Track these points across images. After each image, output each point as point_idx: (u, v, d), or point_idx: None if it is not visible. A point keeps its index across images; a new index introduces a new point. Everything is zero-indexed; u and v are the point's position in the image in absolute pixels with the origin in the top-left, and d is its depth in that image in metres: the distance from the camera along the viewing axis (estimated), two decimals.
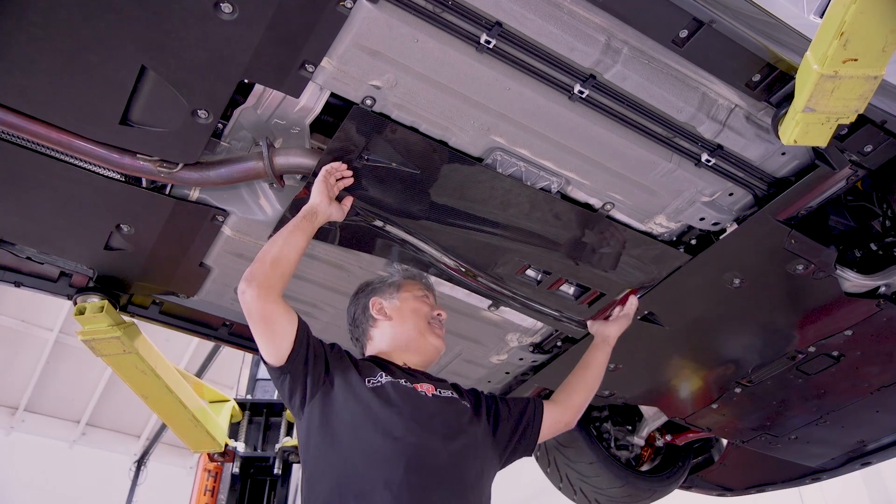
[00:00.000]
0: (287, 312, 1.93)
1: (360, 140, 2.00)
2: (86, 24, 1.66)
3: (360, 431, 1.87)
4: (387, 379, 1.99)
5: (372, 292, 2.26)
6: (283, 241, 1.96)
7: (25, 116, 1.87)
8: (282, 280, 1.93)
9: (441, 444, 1.89)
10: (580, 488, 3.61)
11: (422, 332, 2.18)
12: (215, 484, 5.15)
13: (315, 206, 2.02)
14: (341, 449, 1.86)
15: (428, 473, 1.82)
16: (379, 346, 2.19)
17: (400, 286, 2.26)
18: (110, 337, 2.68)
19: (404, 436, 1.86)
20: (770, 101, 1.91)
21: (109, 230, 2.31)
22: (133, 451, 11.39)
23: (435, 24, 1.76)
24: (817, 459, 3.49)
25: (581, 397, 2.36)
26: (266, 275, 1.90)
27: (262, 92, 1.95)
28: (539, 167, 2.13)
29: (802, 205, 2.19)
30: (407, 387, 1.99)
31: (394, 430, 1.87)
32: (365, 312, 2.23)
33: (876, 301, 2.46)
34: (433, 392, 2.03)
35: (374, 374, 2.00)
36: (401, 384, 1.99)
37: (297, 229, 1.98)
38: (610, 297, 2.56)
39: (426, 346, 2.17)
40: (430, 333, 2.19)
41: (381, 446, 1.84)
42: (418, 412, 1.93)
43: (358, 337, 2.26)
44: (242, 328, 2.90)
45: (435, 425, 1.93)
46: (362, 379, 1.97)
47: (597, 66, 1.87)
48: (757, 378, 2.90)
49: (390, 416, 1.89)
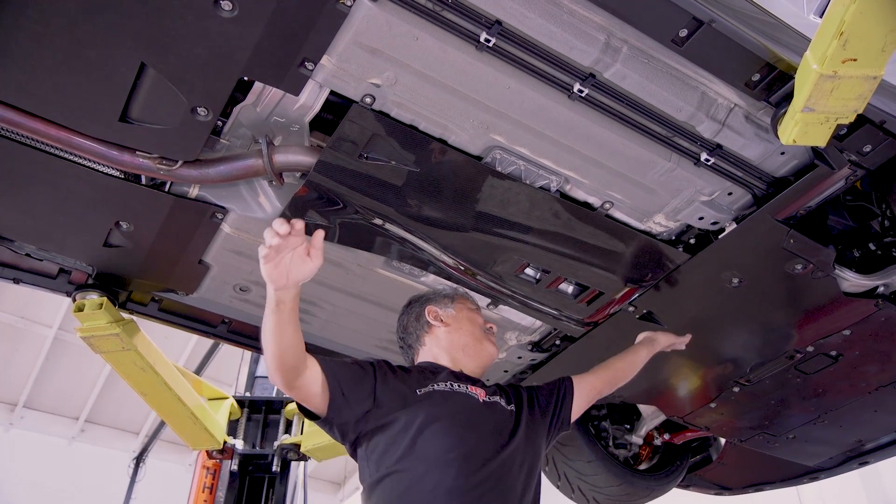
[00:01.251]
0: (311, 374, 1.85)
1: (359, 138, 2.00)
2: (85, 21, 1.66)
3: (416, 439, 1.87)
4: (440, 385, 2.01)
5: (427, 302, 2.31)
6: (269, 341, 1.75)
7: (25, 113, 1.87)
8: (293, 361, 1.80)
9: (494, 447, 1.91)
10: (578, 487, 3.62)
11: (478, 339, 2.23)
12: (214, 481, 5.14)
13: (273, 296, 1.71)
14: (399, 459, 1.85)
15: (480, 479, 1.83)
16: (433, 352, 2.22)
17: (454, 298, 2.32)
18: (109, 334, 2.68)
19: (459, 442, 1.87)
20: (769, 100, 1.91)
21: (109, 227, 2.31)
22: (132, 448, 11.41)
23: (435, 23, 1.76)
24: (815, 459, 3.50)
25: (614, 373, 2.43)
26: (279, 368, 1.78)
27: (262, 89, 1.95)
28: (538, 166, 2.13)
29: (801, 204, 2.20)
30: (460, 391, 2.02)
31: (449, 436, 1.87)
32: (419, 320, 2.27)
33: (874, 301, 2.46)
34: (484, 397, 2.05)
35: (426, 381, 2.02)
36: (454, 388, 2.01)
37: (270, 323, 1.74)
38: (609, 296, 2.57)
39: (482, 351, 2.22)
40: (486, 340, 2.25)
41: (436, 453, 1.84)
42: (471, 416, 1.96)
43: (411, 343, 2.28)
44: (241, 325, 2.90)
45: (488, 428, 1.96)
46: (413, 390, 1.97)
47: (596, 65, 1.87)
48: (755, 377, 2.91)
49: (445, 422, 1.90)
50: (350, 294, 2.69)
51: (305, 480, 5.55)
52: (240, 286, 2.63)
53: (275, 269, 1.67)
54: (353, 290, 2.67)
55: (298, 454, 5.05)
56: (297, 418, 5.33)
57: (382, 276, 2.61)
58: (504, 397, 2.10)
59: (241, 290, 2.65)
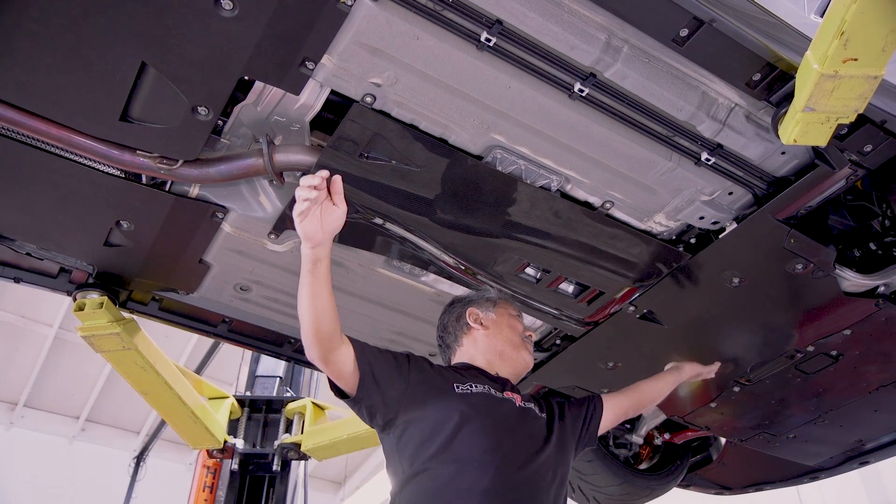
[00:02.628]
0: (346, 351, 1.89)
1: (359, 138, 2.00)
2: (86, 20, 1.66)
3: (453, 438, 1.86)
4: (479, 388, 2.00)
5: (469, 303, 2.31)
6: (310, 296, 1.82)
7: (25, 112, 1.87)
8: (329, 328, 1.84)
9: (528, 453, 1.92)
10: (578, 486, 3.62)
11: (516, 346, 2.24)
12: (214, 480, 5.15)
13: (310, 255, 1.81)
14: (434, 456, 1.85)
15: (515, 483, 1.83)
16: (470, 354, 2.22)
17: (496, 302, 2.32)
18: (110, 333, 2.68)
19: (496, 444, 1.87)
20: (770, 100, 1.91)
21: (109, 226, 2.31)
22: (132, 448, 11.43)
23: (435, 22, 1.76)
24: (815, 458, 3.50)
25: (641, 395, 2.50)
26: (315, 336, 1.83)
27: (263, 89, 1.95)
28: (539, 165, 2.13)
29: (802, 204, 2.19)
30: (499, 396, 2.02)
31: (485, 437, 1.88)
32: (459, 321, 2.28)
33: (875, 301, 2.46)
34: (520, 403, 2.06)
35: (465, 381, 2.02)
36: (493, 393, 2.02)
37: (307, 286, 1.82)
38: (609, 296, 2.57)
39: (518, 359, 2.23)
40: (524, 349, 2.25)
41: (472, 453, 1.84)
42: (508, 420, 1.97)
43: (449, 343, 2.29)
44: (241, 325, 2.91)
45: (523, 434, 1.97)
46: (451, 385, 1.98)
47: (597, 65, 1.87)
48: (756, 377, 2.90)
49: (482, 423, 1.90)
50: (351, 293, 2.69)
51: (306, 480, 5.56)
52: (240, 285, 2.63)
53: (310, 224, 1.79)
54: (354, 289, 2.67)
55: (299, 453, 5.06)
56: (298, 418, 5.33)
57: (383, 276, 2.61)
58: (536, 405, 2.11)
59: (241, 290, 2.66)
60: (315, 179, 1.78)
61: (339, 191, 1.85)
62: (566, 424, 2.15)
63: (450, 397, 1.94)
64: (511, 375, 2.20)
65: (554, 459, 2.00)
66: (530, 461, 1.91)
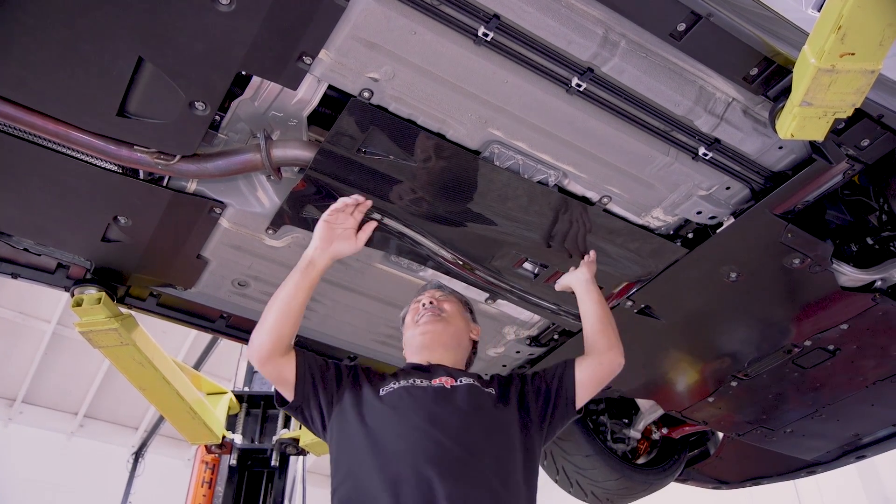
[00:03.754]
0: (287, 361, 2.00)
1: (357, 132, 2.00)
2: (83, 15, 1.66)
3: (371, 437, 1.88)
4: (401, 383, 2.00)
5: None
6: (280, 301, 1.98)
7: (22, 108, 1.87)
8: (279, 339, 1.97)
9: (454, 437, 1.86)
10: (576, 481, 3.63)
11: (411, 328, 2.25)
12: (213, 476, 5.15)
13: (309, 255, 2.03)
14: (355, 456, 1.88)
15: (440, 467, 1.78)
16: (405, 353, 2.28)
17: (408, 312, 2.33)
18: (108, 329, 2.68)
19: (410, 434, 1.86)
20: (767, 94, 1.91)
21: (107, 222, 2.31)
22: (131, 443, 11.42)
23: (433, 17, 1.76)
24: (813, 452, 3.51)
25: (604, 337, 2.19)
26: (262, 345, 1.97)
27: (260, 84, 1.95)
28: (536, 160, 2.13)
29: (799, 199, 2.20)
30: (421, 385, 2.00)
31: (401, 430, 1.87)
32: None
33: (872, 295, 2.47)
34: (452, 384, 2.01)
35: (390, 382, 2.02)
36: (414, 385, 2.00)
37: (293, 282, 2.00)
38: (607, 291, 2.57)
39: (415, 340, 2.21)
40: (413, 326, 2.24)
41: (388, 447, 1.84)
42: (428, 408, 1.93)
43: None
44: (240, 320, 2.90)
45: (447, 418, 1.91)
46: (376, 390, 2.00)
47: (594, 60, 1.87)
48: (753, 371, 2.91)
49: (398, 417, 1.91)
50: (349, 289, 2.69)
51: (304, 475, 5.56)
52: (238, 281, 2.63)
53: (327, 230, 2.05)
54: (352, 284, 2.67)
55: (297, 449, 5.06)
56: None
57: (381, 271, 2.61)
58: (481, 383, 2.05)
59: (239, 285, 2.66)
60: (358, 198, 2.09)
61: (368, 231, 2.13)
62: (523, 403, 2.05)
63: (372, 402, 1.96)
64: (436, 357, 2.14)
65: (497, 437, 1.92)
66: (454, 443, 1.83)
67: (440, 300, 2.28)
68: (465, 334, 2.27)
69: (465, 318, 2.32)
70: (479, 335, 2.35)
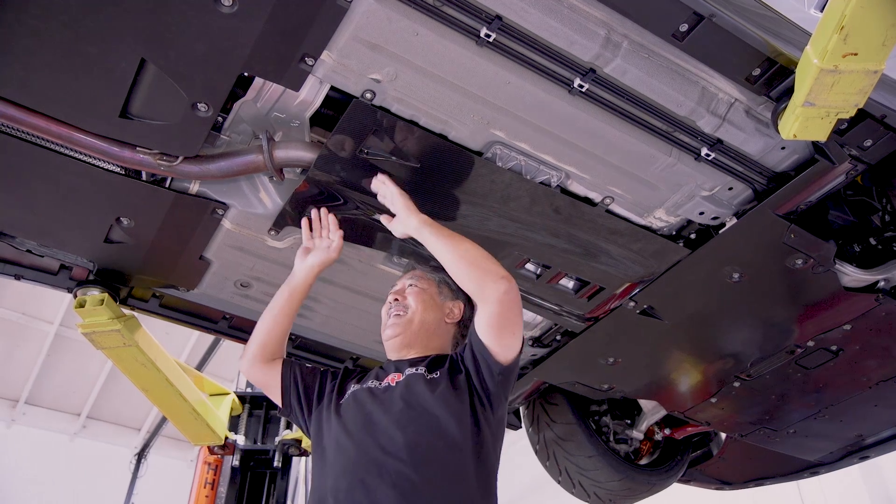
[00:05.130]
0: (271, 369, 2.18)
1: (359, 134, 2.00)
2: (86, 17, 1.66)
3: (324, 449, 1.93)
4: (353, 388, 2.04)
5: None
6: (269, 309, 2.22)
7: (25, 109, 1.87)
8: (264, 349, 2.19)
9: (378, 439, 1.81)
10: (579, 482, 3.62)
11: (384, 341, 2.17)
12: (215, 477, 5.16)
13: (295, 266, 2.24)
14: (316, 468, 1.95)
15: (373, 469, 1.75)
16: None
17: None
18: (110, 330, 2.68)
19: (345, 443, 1.86)
20: (770, 95, 1.91)
21: (109, 223, 2.31)
22: (133, 444, 11.44)
23: (435, 18, 1.76)
24: (816, 453, 3.50)
25: (469, 280, 1.95)
26: (250, 350, 2.21)
27: (262, 85, 1.95)
28: (539, 161, 2.13)
29: (802, 199, 2.19)
30: (369, 387, 2.00)
31: (339, 439, 1.89)
32: None
33: (875, 295, 2.46)
34: (397, 380, 1.97)
35: (353, 385, 2.05)
36: (364, 388, 2.00)
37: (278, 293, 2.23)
38: (609, 291, 2.57)
39: (387, 348, 2.16)
40: (385, 337, 2.16)
41: (332, 459, 1.86)
42: (365, 412, 1.91)
43: None
44: (242, 321, 2.91)
45: (378, 420, 1.86)
46: (340, 397, 2.05)
47: (597, 60, 1.87)
48: (756, 372, 2.91)
49: (341, 426, 1.93)
50: (351, 290, 2.69)
51: (307, 476, 5.56)
52: (241, 282, 2.63)
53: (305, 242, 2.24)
54: (354, 285, 2.67)
55: (300, 450, 5.07)
56: None
57: (383, 272, 2.61)
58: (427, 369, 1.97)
59: (242, 286, 2.66)
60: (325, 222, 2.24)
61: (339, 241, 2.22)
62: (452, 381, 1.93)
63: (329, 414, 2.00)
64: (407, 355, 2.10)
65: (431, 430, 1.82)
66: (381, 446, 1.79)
67: (406, 294, 2.17)
68: (437, 322, 2.15)
69: (438, 303, 2.18)
70: (462, 311, 2.20)
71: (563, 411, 3.52)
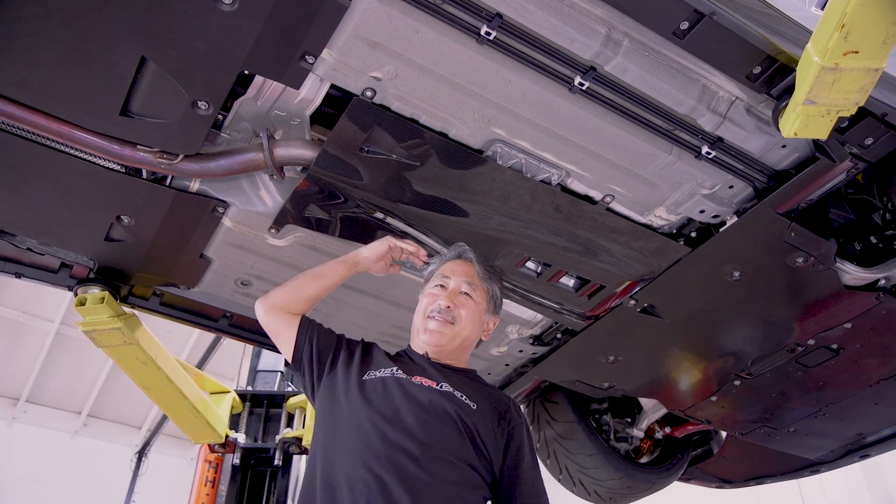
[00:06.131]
0: (290, 321, 2.15)
1: (359, 132, 2.00)
2: (86, 15, 1.66)
3: (338, 424, 1.90)
4: (382, 373, 2.00)
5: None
6: (313, 272, 2.22)
7: (26, 107, 1.87)
8: (293, 301, 2.17)
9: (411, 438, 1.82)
10: (579, 480, 3.62)
11: (417, 330, 2.19)
12: (216, 475, 5.16)
13: (361, 257, 2.26)
14: (324, 439, 1.91)
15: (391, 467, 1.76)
16: (411, 334, 2.24)
17: (433, 275, 2.27)
18: (111, 328, 2.69)
19: (369, 430, 1.85)
20: (770, 93, 1.91)
21: (110, 221, 2.31)
22: (134, 443, 11.44)
23: (435, 16, 1.76)
24: (816, 452, 3.50)
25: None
26: (276, 294, 2.19)
27: (263, 83, 1.95)
28: (539, 159, 2.13)
29: (803, 197, 2.19)
30: (397, 378, 1.98)
31: (362, 423, 1.87)
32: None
33: (875, 294, 2.46)
34: (433, 386, 1.97)
35: (380, 368, 2.02)
36: (392, 377, 1.99)
37: (332, 266, 2.24)
38: (610, 290, 2.57)
39: (419, 335, 2.17)
40: (423, 331, 2.16)
41: (348, 439, 1.85)
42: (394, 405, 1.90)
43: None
44: (243, 319, 2.91)
45: (407, 419, 1.87)
46: (362, 373, 2.01)
47: (597, 58, 1.87)
48: (756, 370, 2.91)
49: (363, 409, 1.90)
50: (351, 288, 2.69)
51: None
52: (241, 280, 2.64)
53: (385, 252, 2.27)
54: (355, 283, 2.67)
55: (300, 448, 5.07)
56: (299, 412, 5.34)
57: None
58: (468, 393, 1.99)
59: (242, 284, 2.66)
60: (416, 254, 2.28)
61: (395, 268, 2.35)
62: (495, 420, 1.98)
63: (351, 386, 1.98)
64: (438, 357, 2.12)
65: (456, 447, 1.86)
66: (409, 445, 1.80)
67: (459, 304, 2.15)
68: (473, 338, 2.21)
69: (482, 320, 2.22)
70: (495, 326, 2.29)
71: (564, 409, 3.53)
